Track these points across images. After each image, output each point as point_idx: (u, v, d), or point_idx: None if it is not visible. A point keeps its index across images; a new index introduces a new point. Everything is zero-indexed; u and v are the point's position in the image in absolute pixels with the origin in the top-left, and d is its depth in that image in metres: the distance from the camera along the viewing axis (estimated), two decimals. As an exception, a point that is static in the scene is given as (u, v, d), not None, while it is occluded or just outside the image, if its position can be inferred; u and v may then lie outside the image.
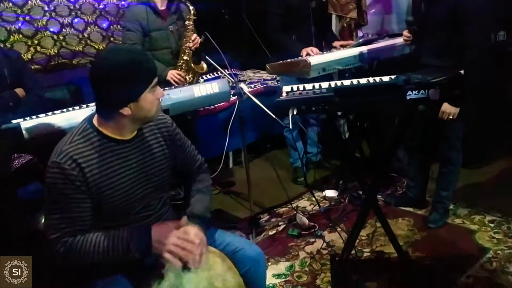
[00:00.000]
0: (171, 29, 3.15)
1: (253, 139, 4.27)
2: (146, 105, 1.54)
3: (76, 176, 1.49)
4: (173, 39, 3.15)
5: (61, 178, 1.48)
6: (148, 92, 1.53)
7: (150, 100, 1.55)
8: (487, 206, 3.22)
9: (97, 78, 1.50)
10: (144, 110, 1.55)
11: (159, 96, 1.59)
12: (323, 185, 3.68)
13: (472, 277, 2.50)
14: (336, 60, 3.10)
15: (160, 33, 3.13)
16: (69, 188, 1.49)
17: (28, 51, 3.84)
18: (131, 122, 1.58)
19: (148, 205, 1.67)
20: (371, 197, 2.38)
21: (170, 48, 3.16)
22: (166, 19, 3.15)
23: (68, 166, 1.48)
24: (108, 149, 1.57)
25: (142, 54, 1.60)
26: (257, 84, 4.48)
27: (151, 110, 1.57)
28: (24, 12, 3.81)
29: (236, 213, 3.36)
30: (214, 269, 1.66)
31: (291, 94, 2.07)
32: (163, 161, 1.72)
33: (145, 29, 3.08)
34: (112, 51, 1.62)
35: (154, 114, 1.61)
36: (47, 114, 2.08)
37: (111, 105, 1.52)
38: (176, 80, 3.06)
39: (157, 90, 1.58)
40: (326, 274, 2.61)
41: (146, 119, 1.61)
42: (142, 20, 3.07)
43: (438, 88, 1.97)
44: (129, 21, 3.13)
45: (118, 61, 1.49)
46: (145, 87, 1.52)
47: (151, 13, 3.09)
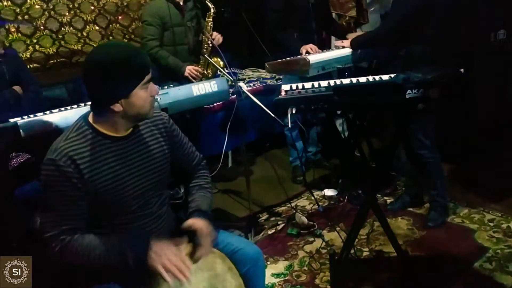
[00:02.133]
0: (189, 25, 3.15)
1: (253, 138, 4.26)
2: (137, 101, 1.52)
3: (72, 173, 1.48)
4: (190, 35, 3.16)
5: (57, 175, 1.47)
6: (139, 88, 1.51)
7: (142, 97, 1.53)
8: (487, 205, 3.21)
9: (88, 74, 1.50)
10: (136, 107, 1.53)
11: (153, 94, 1.57)
12: (323, 184, 3.67)
13: (471, 276, 2.49)
14: (335, 58, 3.08)
15: (180, 28, 3.15)
16: (65, 185, 1.48)
17: (27, 50, 3.84)
18: (124, 119, 1.56)
19: (146, 203, 1.66)
20: (371, 196, 2.37)
21: (188, 44, 3.18)
22: (184, 14, 3.16)
23: (64, 163, 1.47)
24: (103, 146, 1.56)
25: (134, 50, 1.58)
26: (256, 82, 4.47)
27: (143, 107, 1.55)
28: (23, 11, 3.81)
29: (235, 212, 3.35)
30: (214, 269, 1.66)
31: (290, 93, 2.06)
32: (161, 158, 1.71)
33: (167, 24, 3.08)
34: (103, 47, 1.63)
35: (148, 111, 1.58)
36: (44, 112, 2.07)
37: (102, 101, 1.52)
38: (194, 76, 3.08)
39: (150, 87, 1.55)
40: (325, 273, 2.61)
41: (139, 116, 1.58)
42: (164, 14, 3.07)
43: (437, 87, 1.96)
44: (150, 15, 3.12)
45: (108, 57, 1.49)
46: (136, 84, 1.50)
47: (172, 8, 3.10)
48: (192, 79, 3.09)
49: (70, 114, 2.05)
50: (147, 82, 1.54)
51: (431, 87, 1.97)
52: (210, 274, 1.64)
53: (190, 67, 3.12)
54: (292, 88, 2.13)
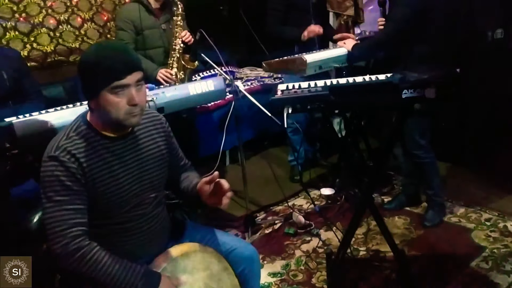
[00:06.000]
0: (163, 27, 3.13)
1: (250, 137, 4.26)
2: (106, 105, 1.49)
3: (76, 169, 1.48)
4: (165, 38, 3.13)
5: (61, 170, 1.47)
6: (108, 92, 1.47)
7: (111, 101, 1.48)
8: (484, 204, 3.21)
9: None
10: (105, 109, 1.49)
11: (130, 102, 1.49)
12: (320, 183, 3.67)
13: (468, 275, 2.50)
14: (332, 57, 3.08)
15: (152, 31, 3.10)
16: (70, 180, 1.48)
17: (24, 48, 3.82)
18: (102, 121, 1.55)
19: (142, 203, 1.66)
20: (367, 195, 2.37)
21: (163, 47, 3.14)
22: (159, 17, 3.13)
23: (68, 160, 1.48)
24: (102, 146, 1.56)
25: (109, 53, 1.51)
26: (254, 81, 4.46)
27: (115, 113, 1.50)
28: (20, 8, 3.78)
29: (232, 211, 3.34)
30: (210, 269, 1.67)
31: (286, 93, 2.05)
32: (159, 159, 1.72)
33: (138, 27, 3.06)
34: (93, 45, 1.63)
35: (123, 119, 1.52)
36: (40, 112, 2.07)
37: (84, 94, 1.55)
38: (165, 79, 3.01)
39: (126, 94, 1.49)
40: (322, 272, 2.61)
41: (114, 121, 1.52)
42: (134, 18, 3.06)
43: (433, 87, 1.96)
44: (121, 20, 3.12)
45: (86, 55, 1.54)
46: (101, 86, 1.47)
47: (143, 11, 3.07)
48: (163, 82, 3.00)
49: (66, 114, 2.05)
50: (119, 87, 1.48)
51: (427, 87, 1.97)
52: (206, 274, 1.65)
53: (162, 70, 3.04)
54: (288, 87, 2.12)
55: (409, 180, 3.24)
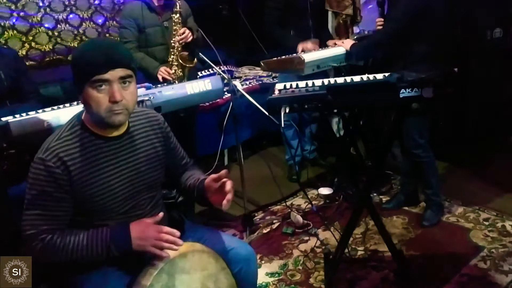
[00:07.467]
0: (166, 25, 3.13)
1: (249, 136, 4.26)
2: (88, 100, 1.48)
3: (60, 174, 1.47)
4: (168, 35, 3.13)
5: (44, 175, 1.47)
6: (89, 86, 1.46)
7: (92, 96, 1.46)
8: (482, 204, 3.21)
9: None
10: (88, 105, 1.49)
11: (111, 99, 1.46)
12: (318, 183, 3.66)
13: (466, 275, 2.49)
14: (330, 57, 3.08)
15: (155, 29, 3.11)
16: (51, 186, 1.47)
17: (22, 47, 3.82)
18: (91, 119, 1.54)
19: (138, 204, 1.65)
20: (365, 195, 2.37)
21: (165, 45, 3.14)
22: (161, 15, 3.14)
23: (53, 164, 1.47)
24: (95, 146, 1.55)
25: (93, 47, 1.51)
26: (252, 81, 4.46)
27: (96, 108, 1.47)
28: (19, 8, 3.79)
29: (230, 210, 3.32)
30: (208, 269, 1.66)
31: (283, 92, 2.05)
32: (155, 160, 1.70)
33: (140, 25, 3.07)
34: (88, 40, 1.66)
35: (105, 116, 1.48)
36: (37, 111, 2.06)
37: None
38: (164, 77, 3.02)
39: (107, 90, 1.47)
40: (320, 272, 2.61)
41: (98, 118, 1.50)
42: (137, 16, 3.07)
43: (431, 86, 1.96)
44: (124, 18, 3.14)
45: (75, 51, 1.64)
46: (84, 80, 1.46)
47: (146, 9, 3.09)
48: (162, 80, 3.00)
49: (63, 113, 2.04)
50: (100, 82, 1.45)
51: (425, 86, 1.97)
52: (203, 274, 1.65)
53: (161, 69, 3.05)
54: (286, 87, 2.11)
55: (408, 179, 3.24)
